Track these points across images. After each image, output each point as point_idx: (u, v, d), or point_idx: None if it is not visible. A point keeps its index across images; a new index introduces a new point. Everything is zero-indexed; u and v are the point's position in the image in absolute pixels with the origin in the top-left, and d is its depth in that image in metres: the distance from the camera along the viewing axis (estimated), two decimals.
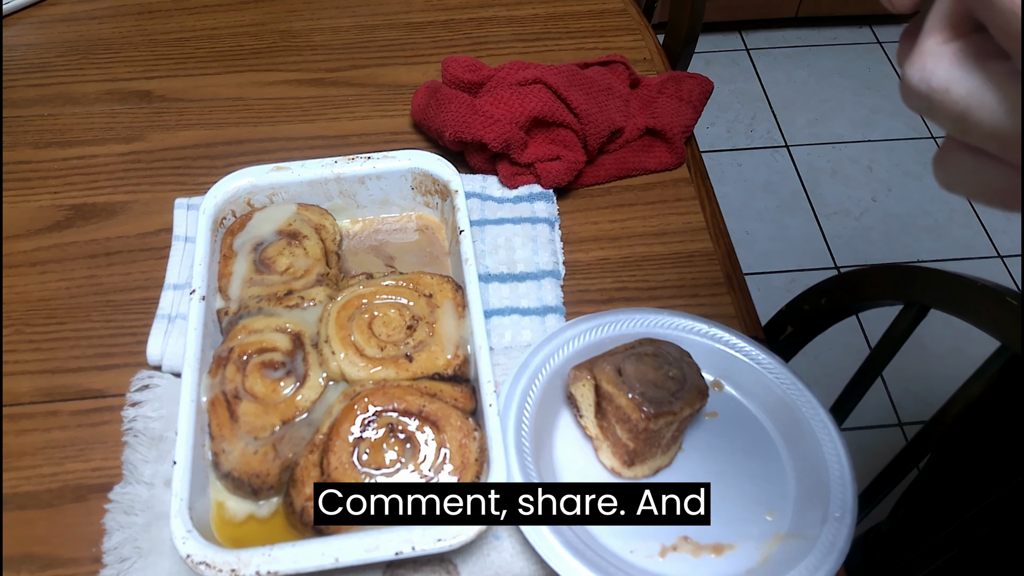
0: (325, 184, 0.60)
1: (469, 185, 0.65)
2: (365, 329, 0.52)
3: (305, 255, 0.56)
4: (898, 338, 0.63)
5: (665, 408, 0.47)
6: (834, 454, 0.50)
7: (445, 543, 0.43)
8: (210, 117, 0.72)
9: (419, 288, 0.54)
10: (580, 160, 0.65)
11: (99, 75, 0.76)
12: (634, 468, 0.50)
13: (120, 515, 0.49)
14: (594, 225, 0.65)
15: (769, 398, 0.54)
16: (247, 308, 0.53)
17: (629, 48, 0.78)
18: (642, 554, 0.47)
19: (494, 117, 0.62)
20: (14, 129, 0.71)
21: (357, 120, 0.72)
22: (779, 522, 0.49)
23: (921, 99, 0.24)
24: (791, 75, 1.98)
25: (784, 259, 1.64)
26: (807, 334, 0.71)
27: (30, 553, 0.49)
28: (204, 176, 0.67)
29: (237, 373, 0.50)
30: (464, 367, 0.51)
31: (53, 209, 0.65)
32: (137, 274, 0.61)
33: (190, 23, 0.80)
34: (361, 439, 0.47)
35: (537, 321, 0.58)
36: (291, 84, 0.75)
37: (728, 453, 0.52)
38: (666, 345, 0.52)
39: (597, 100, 0.66)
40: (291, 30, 0.80)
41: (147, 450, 0.52)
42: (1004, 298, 0.53)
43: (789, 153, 1.83)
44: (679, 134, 0.68)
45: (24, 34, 0.79)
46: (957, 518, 0.71)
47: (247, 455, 0.47)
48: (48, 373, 0.56)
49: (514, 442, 0.49)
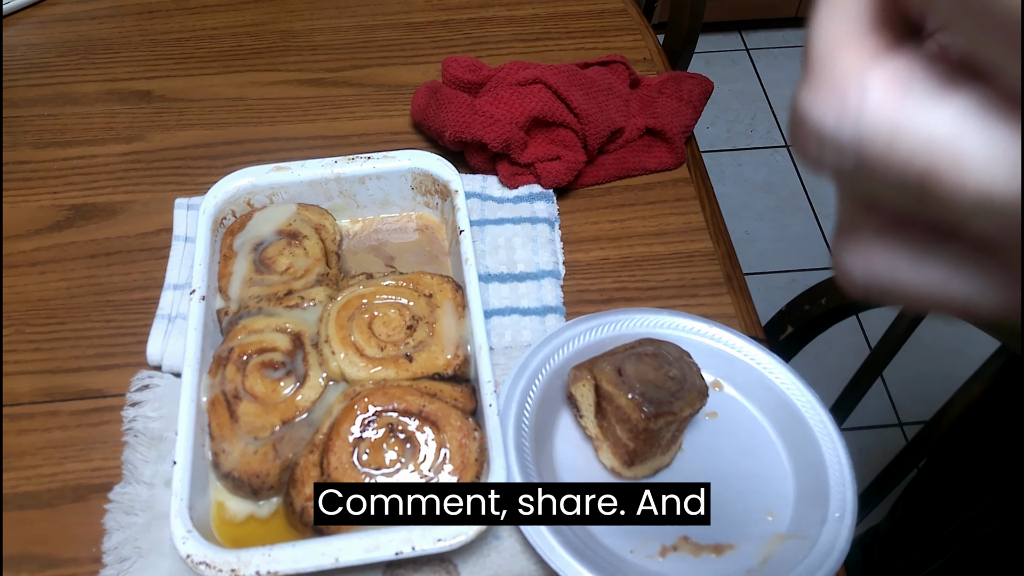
0: (325, 184, 0.60)
1: (469, 185, 0.65)
2: (365, 329, 0.52)
3: (305, 255, 0.56)
4: (898, 338, 0.63)
5: (665, 408, 0.47)
6: (834, 454, 0.50)
7: (445, 543, 0.43)
8: (210, 117, 0.72)
9: (419, 288, 0.54)
10: (580, 160, 0.65)
11: (99, 75, 0.76)
12: (634, 468, 0.50)
13: (120, 515, 0.49)
14: (594, 225, 0.65)
15: (769, 398, 0.54)
16: (247, 308, 0.53)
17: (629, 48, 0.78)
18: (642, 554, 0.47)
19: (494, 117, 0.62)
20: (14, 129, 0.71)
21: (357, 120, 0.72)
22: (779, 522, 0.49)
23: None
24: (791, 75, 1.98)
25: (784, 259, 1.64)
26: (807, 334, 0.71)
27: (30, 553, 0.49)
28: (204, 176, 0.67)
29: (237, 373, 0.50)
30: (464, 367, 0.51)
31: (53, 209, 0.65)
32: (137, 274, 0.61)
33: (190, 23, 0.80)
34: (361, 439, 0.47)
35: (537, 321, 0.58)
36: (291, 84, 0.75)
37: (728, 453, 0.52)
38: (666, 345, 0.52)
39: (597, 100, 0.66)
40: (291, 30, 0.80)
41: (147, 450, 0.52)
42: None
43: (789, 153, 1.83)
44: (679, 134, 0.68)
45: (24, 34, 0.79)
46: (957, 518, 0.71)
47: (247, 455, 0.47)
48: (48, 373, 0.56)
49: (514, 442, 0.49)
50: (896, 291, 0.18)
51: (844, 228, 0.19)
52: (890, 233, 0.18)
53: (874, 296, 0.19)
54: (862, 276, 0.19)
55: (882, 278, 0.18)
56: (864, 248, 0.19)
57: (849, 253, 0.19)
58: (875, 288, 0.19)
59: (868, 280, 0.19)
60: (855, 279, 0.19)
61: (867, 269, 0.19)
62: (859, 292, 0.19)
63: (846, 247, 0.19)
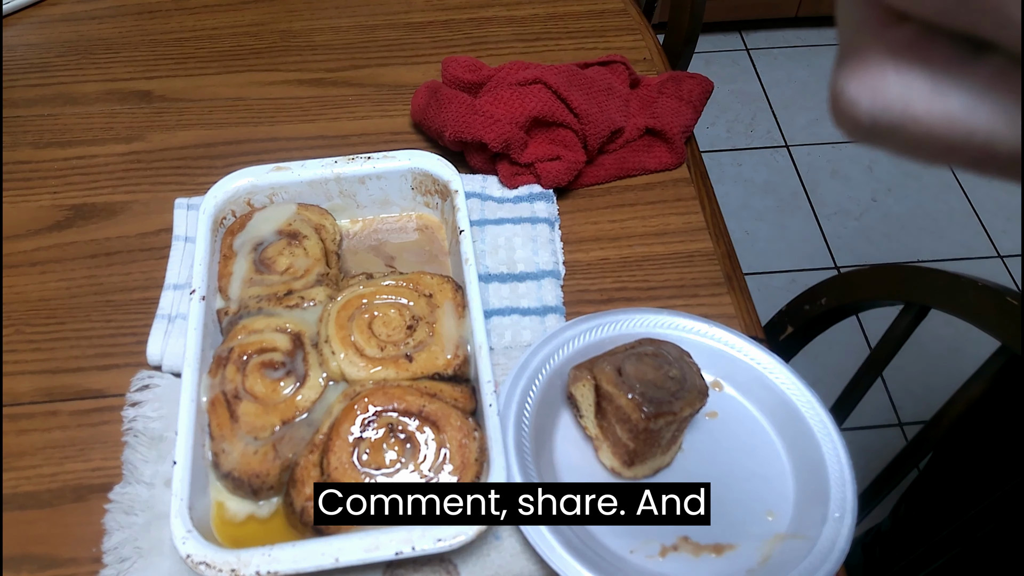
0: (325, 184, 0.60)
1: (469, 185, 0.65)
2: (365, 329, 0.52)
3: (305, 255, 0.56)
4: (898, 338, 0.63)
5: (665, 408, 0.47)
6: (834, 454, 0.50)
7: (445, 543, 0.43)
8: (210, 117, 0.72)
9: (419, 288, 0.54)
10: (580, 160, 0.65)
11: (99, 75, 0.76)
12: (634, 468, 0.50)
13: (120, 515, 0.49)
14: (594, 225, 0.65)
15: (769, 398, 0.54)
16: (247, 308, 0.53)
17: (629, 48, 0.78)
18: (642, 554, 0.47)
19: (494, 117, 0.62)
20: (14, 129, 0.71)
21: (357, 120, 0.72)
22: (779, 522, 0.49)
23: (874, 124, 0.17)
24: (791, 75, 1.98)
25: (784, 259, 1.64)
26: (807, 334, 0.71)
27: (30, 553, 0.49)
28: (204, 176, 0.67)
29: (237, 373, 0.50)
30: (464, 367, 0.51)
31: (53, 209, 0.65)
32: (137, 274, 0.61)
33: (190, 23, 0.80)
34: (361, 439, 0.47)
35: (537, 321, 0.58)
36: (291, 84, 0.75)
37: (728, 453, 0.52)
38: (666, 345, 0.52)
39: (597, 100, 0.66)
40: (291, 30, 0.80)
41: (147, 450, 0.52)
42: (1004, 298, 0.53)
43: (789, 153, 1.83)
44: (679, 134, 0.68)
45: (24, 34, 0.79)
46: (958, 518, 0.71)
47: (247, 455, 0.47)
48: (48, 373, 0.56)
49: (514, 442, 0.49)
50: (908, 125, 0.16)
51: (849, 51, 0.17)
52: (908, 53, 0.16)
53: (879, 133, 0.17)
54: (869, 107, 0.17)
55: (894, 109, 0.16)
56: (875, 72, 0.16)
57: (855, 80, 0.17)
58: (883, 122, 0.16)
59: (877, 112, 0.16)
60: (860, 111, 0.17)
61: (876, 98, 0.16)
62: (863, 128, 0.17)
63: (853, 73, 0.17)
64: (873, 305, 0.64)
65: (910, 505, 0.89)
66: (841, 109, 0.17)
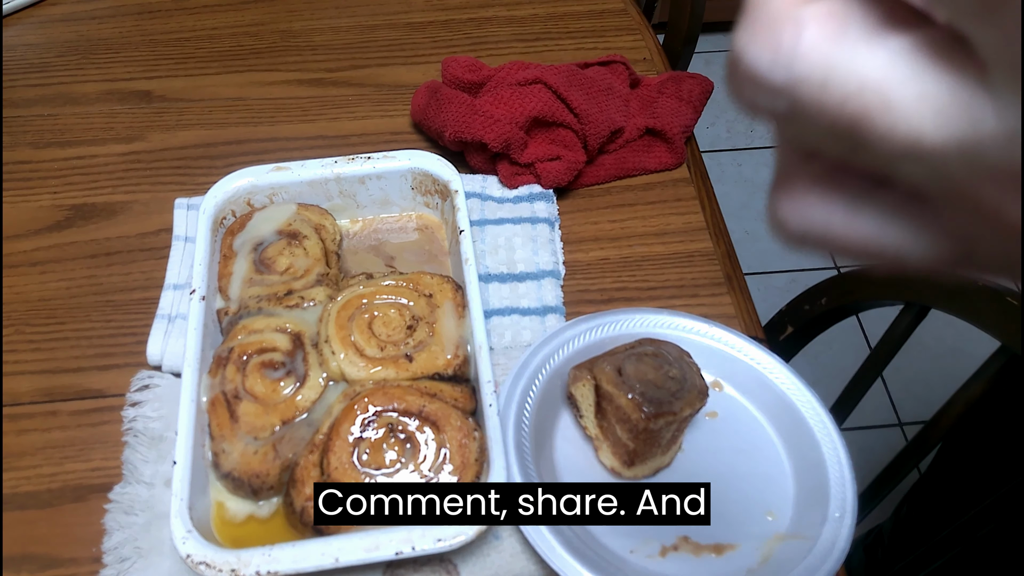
0: (325, 184, 0.60)
1: (469, 185, 0.65)
2: (365, 329, 0.52)
3: (305, 255, 0.56)
4: (898, 338, 0.63)
5: (665, 408, 0.47)
6: (834, 454, 0.50)
7: (445, 543, 0.43)
8: (210, 117, 0.72)
9: (419, 288, 0.54)
10: (580, 160, 0.65)
11: (99, 75, 0.76)
12: (634, 468, 0.50)
13: (120, 515, 0.49)
14: (594, 225, 0.65)
15: (769, 398, 0.54)
16: (247, 308, 0.53)
17: (629, 48, 0.78)
18: (642, 554, 0.47)
19: (494, 117, 0.62)
20: (14, 129, 0.71)
21: (357, 120, 0.72)
22: (779, 522, 0.49)
23: None
24: None
25: (784, 259, 1.64)
26: (807, 334, 0.71)
27: (30, 553, 0.49)
28: (204, 176, 0.67)
29: (237, 373, 0.50)
30: (464, 367, 0.51)
31: (53, 209, 0.65)
32: (137, 274, 0.61)
33: (190, 23, 0.80)
34: (361, 439, 0.47)
35: (537, 321, 0.58)
36: (291, 84, 0.75)
37: (728, 453, 0.52)
38: (666, 345, 0.52)
39: (597, 100, 0.66)
40: (291, 30, 0.80)
41: (147, 450, 0.52)
42: (1004, 298, 0.53)
43: None
44: (679, 134, 0.68)
45: (24, 34, 0.79)
46: (959, 518, 0.71)
47: (247, 455, 0.47)
48: (48, 373, 0.56)
49: (514, 442, 0.49)
50: (830, 242, 0.18)
51: (780, 178, 0.19)
52: (825, 183, 0.18)
53: (810, 245, 0.19)
54: (797, 227, 0.19)
55: (816, 229, 0.18)
56: (799, 198, 0.18)
57: (784, 203, 0.19)
58: (811, 238, 0.18)
59: (803, 231, 0.19)
60: (790, 230, 0.19)
61: (801, 220, 0.18)
62: (795, 242, 0.19)
63: (782, 197, 0.19)
64: (873, 305, 0.64)
65: (913, 505, 0.89)
66: (776, 226, 0.19)
